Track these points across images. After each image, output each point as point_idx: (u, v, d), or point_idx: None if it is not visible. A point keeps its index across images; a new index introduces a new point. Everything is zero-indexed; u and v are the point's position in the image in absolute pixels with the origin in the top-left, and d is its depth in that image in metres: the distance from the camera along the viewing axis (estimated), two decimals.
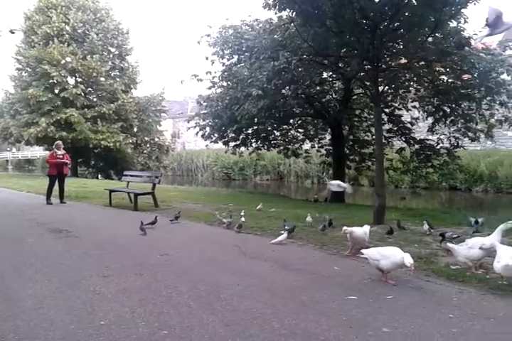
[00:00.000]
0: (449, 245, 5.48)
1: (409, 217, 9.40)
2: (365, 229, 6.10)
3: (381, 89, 10.97)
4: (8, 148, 59.41)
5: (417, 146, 15.00)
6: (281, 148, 18.05)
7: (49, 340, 3.33)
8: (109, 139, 27.18)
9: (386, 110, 15.07)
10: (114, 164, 30.13)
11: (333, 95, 16.45)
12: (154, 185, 11.37)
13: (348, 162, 17.01)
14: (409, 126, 15.48)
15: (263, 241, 6.94)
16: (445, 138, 14.36)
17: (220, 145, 18.09)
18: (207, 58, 15.02)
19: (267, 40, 12.15)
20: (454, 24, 10.00)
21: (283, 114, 14.51)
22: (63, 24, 28.01)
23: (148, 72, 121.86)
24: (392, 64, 12.12)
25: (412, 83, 13.88)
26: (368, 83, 10.54)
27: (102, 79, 28.42)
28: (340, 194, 15.95)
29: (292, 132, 17.93)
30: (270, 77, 11.48)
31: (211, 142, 16.79)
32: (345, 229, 6.00)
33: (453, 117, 13.23)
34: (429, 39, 9.78)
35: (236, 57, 15.06)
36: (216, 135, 16.05)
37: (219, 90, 16.01)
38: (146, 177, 12.51)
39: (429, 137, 14.89)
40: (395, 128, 15.65)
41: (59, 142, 12.92)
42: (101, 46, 28.55)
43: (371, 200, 13.69)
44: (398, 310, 3.94)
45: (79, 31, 28.93)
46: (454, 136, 14.06)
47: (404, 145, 15.68)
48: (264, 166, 33.74)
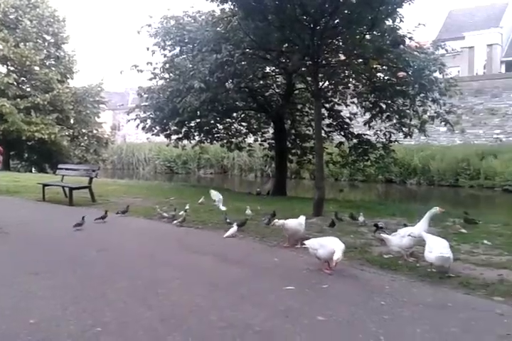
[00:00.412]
0: (383, 235, 5.74)
1: (346, 209, 9.70)
2: (301, 220, 6.22)
3: (322, 84, 11.23)
4: None
5: (355, 141, 15.50)
6: (225, 141, 17.99)
7: None
8: (44, 131, 25.83)
9: (326, 105, 15.43)
10: (49, 157, 28.70)
11: (276, 89, 16.60)
12: (91, 179, 10.98)
13: (289, 156, 17.27)
14: (348, 121, 15.96)
15: (204, 235, 6.93)
16: (381, 133, 14.94)
17: (162, 139, 17.73)
18: (148, 49, 14.66)
19: (210, 33, 12.03)
20: (390, 23, 10.36)
21: (226, 107, 14.44)
22: None
23: (87, 61, 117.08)
24: (332, 60, 12.45)
25: (350, 79, 14.30)
26: (309, 78, 10.74)
27: (37, 68, 26.92)
28: (282, 187, 16.24)
29: (235, 125, 17.91)
30: (213, 70, 11.39)
31: (152, 135, 16.43)
32: (275, 221, 6.09)
33: (388, 113, 13.77)
34: (367, 37, 10.09)
35: (178, 49, 14.81)
36: (158, 128, 15.72)
37: (160, 82, 15.67)
38: (82, 171, 12.05)
39: (367, 132, 15.43)
40: (335, 123, 16.08)
41: None
42: (35, 33, 26.98)
43: (312, 193, 14.03)
44: (333, 299, 4.08)
45: (11, 17, 27.16)
46: (390, 131, 14.66)
47: (344, 140, 16.15)
48: (208, 160, 33.54)
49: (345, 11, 9.07)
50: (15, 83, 26.25)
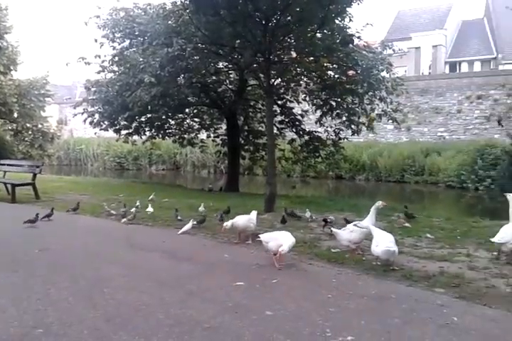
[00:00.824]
0: (333, 229, 5.87)
1: (297, 205, 9.84)
2: (251, 216, 6.25)
3: (274, 81, 11.29)
4: None
5: (306, 137, 15.75)
6: (177, 137, 17.76)
7: None
8: None
9: (279, 102, 15.55)
10: None
11: (229, 85, 16.54)
12: (35, 175, 10.54)
13: (242, 152, 17.30)
14: (299, 118, 16.16)
15: (154, 232, 6.81)
16: (331, 130, 15.25)
17: (112, 134, 17.24)
18: (96, 41, 14.18)
19: (161, 26, 11.77)
20: (340, 22, 10.56)
21: (178, 102, 14.23)
22: None
23: (32, 53, 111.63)
24: (284, 58, 12.55)
25: (302, 77, 14.50)
26: (262, 75, 10.77)
27: None
28: (235, 183, 16.23)
29: (188, 121, 17.70)
30: (164, 64, 11.17)
31: (101, 130, 15.96)
32: (225, 225, 6.04)
33: (338, 111, 14.07)
34: (318, 35, 10.24)
35: (128, 42, 14.43)
36: (106, 122, 15.26)
37: (109, 75, 15.22)
38: (26, 167, 11.55)
39: (318, 129, 15.70)
40: (287, 120, 16.24)
41: None
42: None
43: (265, 189, 14.12)
44: (282, 293, 4.12)
45: None
46: (339, 128, 15.00)
47: (296, 137, 16.35)
48: (160, 156, 32.93)
49: (297, 9, 9.15)
50: None
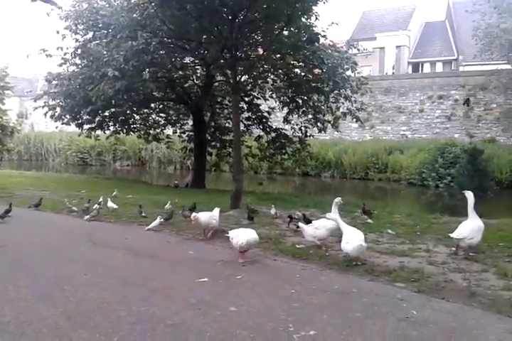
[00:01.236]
0: (300, 225, 5.93)
1: (263, 201, 9.89)
2: (214, 212, 6.23)
3: (240, 78, 11.27)
4: None
5: (273, 134, 15.82)
6: (142, 132, 17.49)
7: None
8: None
9: (246, 99, 15.56)
10: None
11: (196, 81, 16.40)
12: None
13: (209, 148, 17.22)
14: (266, 115, 16.22)
15: (116, 229, 6.69)
16: (298, 128, 15.38)
17: (75, 128, 16.77)
18: (58, 32, 13.75)
19: (125, 19, 11.52)
20: (306, 20, 10.64)
21: (143, 97, 14.01)
22: None
23: None
24: (251, 54, 12.55)
25: (269, 74, 14.54)
26: (229, 71, 10.73)
27: None
28: (201, 179, 16.13)
29: (153, 116, 17.47)
30: (128, 58, 10.95)
31: (62, 124, 15.51)
32: (193, 215, 5.98)
33: (305, 108, 14.22)
34: (284, 33, 10.28)
35: (91, 34, 14.03)
36: (68, 116, 14.85)
37: (72, 68, 14.81)
38: None
39: (285, 126, 15.79)
40: (254, 117, 16.27)
41: None
42: None
43: (231, 186, 14.12)
44: (246, 289, 4.13)
45: None
46: (306, 125, 15.14)
47: (262, 134, 16.40)
48: (125, 151, 32.29)
49: (263, 6, 9.15)
50: None
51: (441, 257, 5.39)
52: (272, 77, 14.67)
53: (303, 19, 9.91)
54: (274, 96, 15.32)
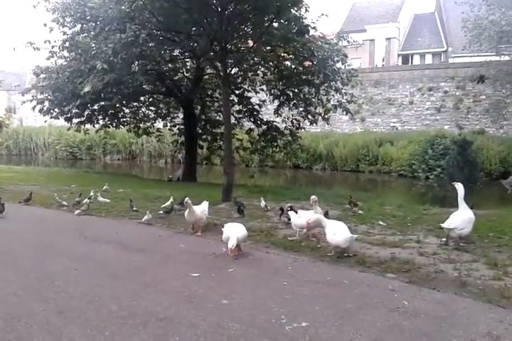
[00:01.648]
0: (290, 213, 5.95)
1: (255, 194, 9.87)
2: (203, 206, 6.20)
3: (231, 70, 11.20)
4: None
5: (264, 127, 15.78)
6: (132, 126, 17.36)
7: None
8: None
9: (236, 92, 15.48)
10: None
11: (185, 73, 16.28)
12: None
13: (200, 141, 17.15)
14: (257, 107, 16.16)
15: (107, 223, 6.65)
16: (289, 120, 15.36)
17: (64, 122, 16.58)
18: (45, 25, 13.52)
19: (113, 11, 11.35)
20: (296, 12, 10.56)
21: (132, 90, 13.86)
22: None
23: None
24: (241, 46, 12.46)
25: (259, 67, 14.47)
26: (219, 64, 10.64)
27: None
28: (192, 173, 16.09)
29: (143, 110, 17.33)
30: (117, 50, 10.82)
31: (51, 118, 15.32)
32: (187, 200, 5.94)
33: (295, 101, 14.18)
34: (274, 25, 10.20)
35: (79, 26, 13.81)
36: (57, 110, 14.67)
37: (60, 61, 14.62)
38: None
39: (276, 119, 15.76)
40: (245, 110, 16.21)
41: None
42: None
43: (223, 179, 14.09)
44: (238, 282, 4.13)
45: None
46: (296, 118, 15.12)
47: (253, 126, 16.35)
48: (115, 145, 32.06)
49: None
50: None
51: (432, 248, 5.44)
52: (263, 69, 14.60)
53: (292, 11, 9.79)
54: (265, 88, 15.26)
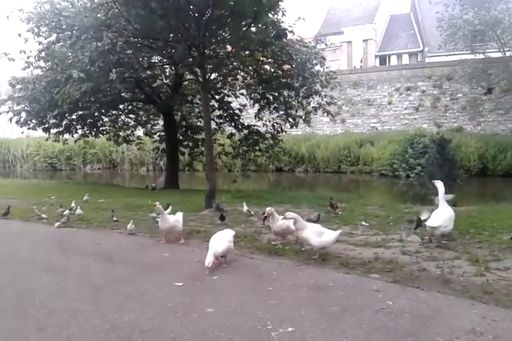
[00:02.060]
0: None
1: (238, 199, 9.83)
2: (177, 216, 6.10)
3: (210, 75, 11.17)
4: None
5: (245, 131, 15.78)
6: (111, 134, 17.18)
7: None
8: None
9: (216, 97, 15.46)
10: None
11: (164, 80, 16.19)
12: None
13: (181, 148, 17.06)
14: (238, 112, 16.16)
15: (88, 235, 6.53)
16: (270, 124, 15.38)
17: (42, 133, 16.32)
18: (20, 35, 13.37)
19: (89, 19, 11.27)
20: (273, 16, 10.61)
21: (110, 98, 13.76)
22: None
23: None
24: (220, 52, 12.46)
25: (239, 71, 14.48)
26: (198, 69, 10.61)
27: None
28: (175, 180, 15.96)
29: (123, 118, 17.18)
30: (94, 59, 10.71)
31: (29, 129, 15.06)
32: (156, 207, 5.87)
33: (276, 104, 14.22)
34: (252, 29, 10.23)
35: (55, 36, 13.72)
36: (34, 121, 14.45)
37: (36, 71, 14.45)
38: None
39: (257, 123, 15.77)
40: (225, 115, 16.19)
41: None
42: None
43: (206, 185, 14.02)
44: (223, 290, 4.09)
45: None
46: (277, 121, 15.16)
47: (235, 131, 16.33)
48: (95, 154, 31.71)
49: (230, 2, 9.06)
50: None
51: (415, 246, 5.49)
52: (242, 73, 14.62)
53: (270, 15, 9.86)
54: (245, 93, 15.27)
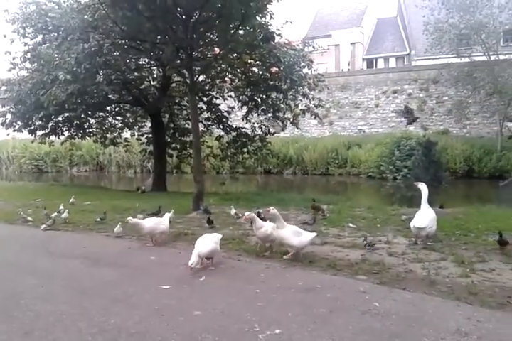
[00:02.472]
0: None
1: (226, 201, 9.83)
2: (163, 219, 6.08)
3: (197, 78, 11.17)
4: None
5: (233, 134, 15.77)
6: (98, 136, 17.05)
7: None
8: None
9: (204, 99, 15.44)
10: None
11: (152, 82, 16.12)
12: None
13: (169, 150, 16.98)
14: (226, 114, 16.15)
15: (74, 238, 6.47)
16: (258, 126, 15.40)
17: (28, 135, 16.14)
18: (5, 36, 13.26)
19: (76, 20, 11.21)
20: (260, 19, 10.65)
21: (97, 100, 13.67)
22: None
23: None
24: (208, 54, 12.46)
25: (227, 73, 14.48)
26: (186, 71, 10.60)
27: None
28: (162, 182, 15.87)
29: (110, 120, 17.07)
30: (80, 60, 10.65)
31: (14, 131, 14.89)
32: (129, 219, 5.83)
33: (264, 107, 14.25)
34: (240, 32, 10.25)
35: (41, 37, 13.62)
36: (20, 123, 14.31)
37: (22, 73, 14.32)
38: None
39: (245, 125, 15.78)
40: (213, 117, 16.17)
41: None
42: None
43: (193, 187, 13.95)
44: (210, 292, 4.08)
45: None
46: (264, 124, 15.19)
47: (223, 133, 16.32)
48: (82, 156, 31.41)
49: (218, 5, 9.08)
50: None
51: (401, 248, 5.53)
52: (230, 76, 14.63)
53: (257, 18, 9.90)
54: (233, 95, 15.27)
